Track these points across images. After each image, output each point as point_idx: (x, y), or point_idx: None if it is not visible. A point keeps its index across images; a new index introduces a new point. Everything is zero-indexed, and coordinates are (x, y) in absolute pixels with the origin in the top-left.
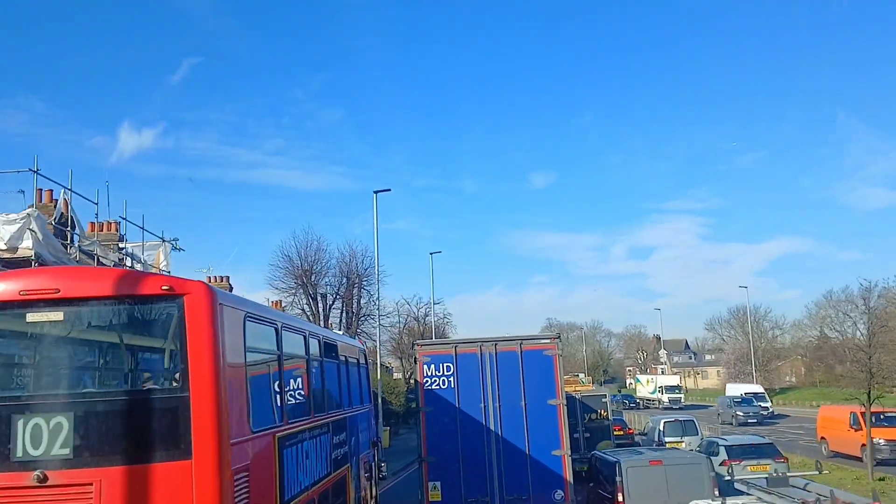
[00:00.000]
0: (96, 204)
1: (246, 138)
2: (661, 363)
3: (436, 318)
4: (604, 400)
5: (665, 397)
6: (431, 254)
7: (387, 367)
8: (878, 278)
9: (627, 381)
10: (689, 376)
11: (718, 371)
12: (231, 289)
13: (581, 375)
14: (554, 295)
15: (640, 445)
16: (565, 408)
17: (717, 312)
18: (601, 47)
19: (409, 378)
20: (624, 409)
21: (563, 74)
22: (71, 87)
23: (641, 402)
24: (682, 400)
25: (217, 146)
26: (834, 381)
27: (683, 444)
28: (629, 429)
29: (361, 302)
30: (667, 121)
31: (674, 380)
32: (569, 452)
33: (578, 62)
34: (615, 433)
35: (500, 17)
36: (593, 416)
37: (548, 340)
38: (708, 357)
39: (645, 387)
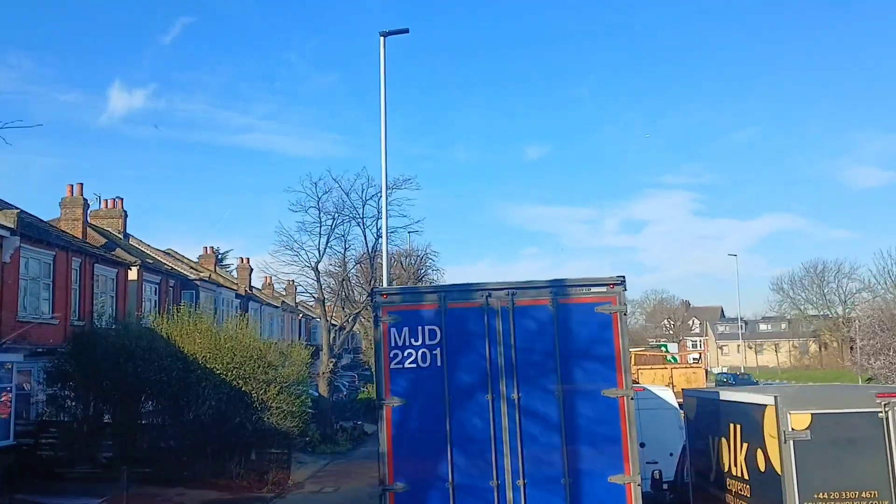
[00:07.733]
0: None
1: (238, 101)
2: (695, 333)
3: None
4: None
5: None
6: (383, 35)
7: (312, 317)
8: None
9: None
10: (738, 351)
11: (777, 345)
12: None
13: (671, 346)
14: (545, 267)
15: None
16: (632, 402)
17: (783, 272)
18: (600, 20)
19: (336, 343)
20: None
21: (562, 46)
22: (61, 45)
23: None
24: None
25: (208, 108)
26: None
27: None
28: None
29: None
30: (663, 95)
31: None
32: (638, 480)
33: (577, 34)
34: None
35: None
36: None
37: (602, 288)
38: (763, 327)
39: None
